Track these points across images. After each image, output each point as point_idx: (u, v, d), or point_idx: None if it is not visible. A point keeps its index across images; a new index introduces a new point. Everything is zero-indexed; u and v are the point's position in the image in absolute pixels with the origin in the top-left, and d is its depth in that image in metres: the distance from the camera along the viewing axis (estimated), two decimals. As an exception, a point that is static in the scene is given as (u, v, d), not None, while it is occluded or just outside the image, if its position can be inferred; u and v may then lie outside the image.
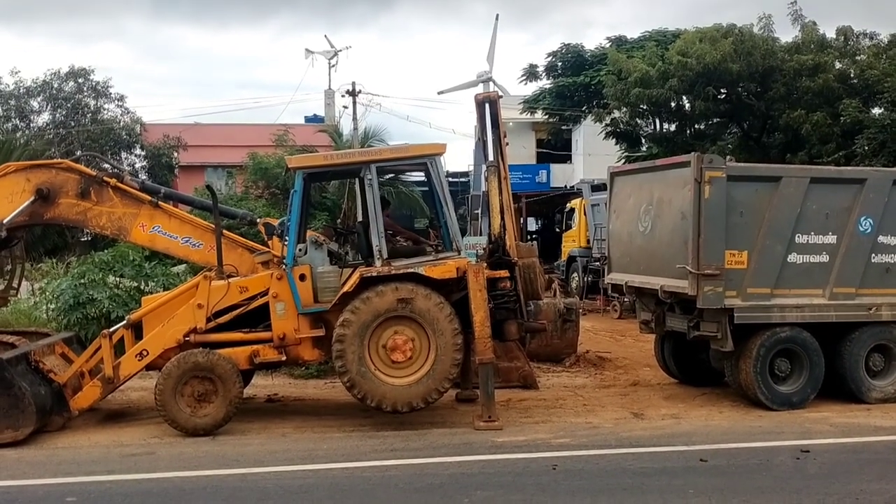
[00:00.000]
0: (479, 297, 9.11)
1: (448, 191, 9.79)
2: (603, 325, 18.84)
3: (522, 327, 9.81)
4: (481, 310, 9.12)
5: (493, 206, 9.58)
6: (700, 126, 24.68)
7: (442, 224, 9.99)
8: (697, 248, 9.86)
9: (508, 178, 9.98)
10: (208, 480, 7.46)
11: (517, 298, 9.56)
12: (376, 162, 9.62)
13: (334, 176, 13.92)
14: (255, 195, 27.22)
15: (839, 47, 21.79)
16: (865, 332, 10.55)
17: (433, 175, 9.64)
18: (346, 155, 10.61)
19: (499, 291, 9.41)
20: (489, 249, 9.72)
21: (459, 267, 9.26)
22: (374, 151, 10.60)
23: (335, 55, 40.17)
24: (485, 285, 9.16)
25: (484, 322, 9.12)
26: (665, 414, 10.23)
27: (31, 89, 36.55)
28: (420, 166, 10.09)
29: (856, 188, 10.48)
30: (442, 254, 9.69)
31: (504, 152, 9.85)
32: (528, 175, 36.32)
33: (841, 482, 7.24)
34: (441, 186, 9.62)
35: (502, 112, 10.23)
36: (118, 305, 12.18)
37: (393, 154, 10.18)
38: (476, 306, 9.10)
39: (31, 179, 9.77)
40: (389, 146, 12.67)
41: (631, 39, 31.06)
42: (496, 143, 9.83)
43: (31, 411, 8.77)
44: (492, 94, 9.81)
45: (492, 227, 9.64)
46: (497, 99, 9.79)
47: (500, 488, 7.08)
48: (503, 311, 9.43)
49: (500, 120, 9.76)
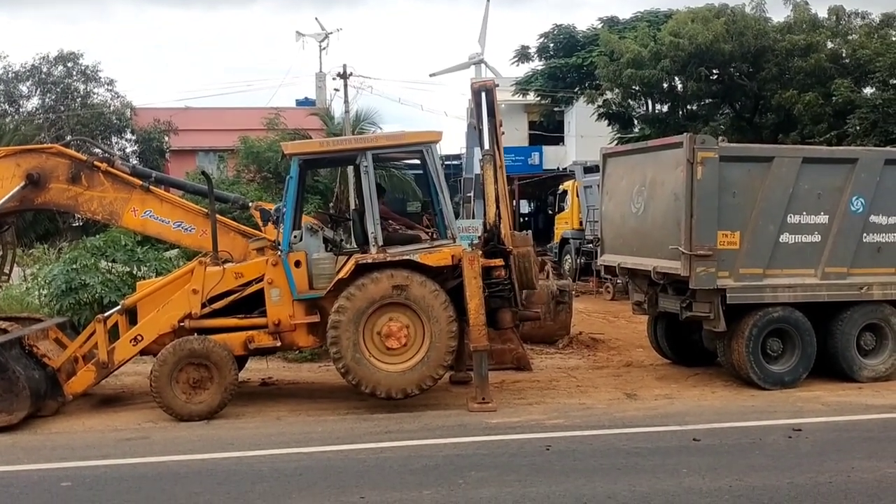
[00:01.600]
0: (474, 285, 9.12)
1: (444, 178, 9.80)
2: (596, 307, 18.89)
3: (517, 316, 9.82)
4: (476, 297, 9.12)
5: (488, 195, 9.58)
6: (692, 107, 24.66)
7: (437, 212, 10.00)
8: (690, 229, 9.88)
9: (504, 167, 9.98)
10: (203, 464, 7.47)
11: (512, 287, 9.57)
12: (372, 149, 9.61)
13: (330, 163, 13.93)
14: (246, 179, 27.16)
15: (831, 27, 21.77)
16: (857, 311, 10.61)
17: (429, 162, 9.63)
18: (343, 142, 10.59)
19: (493, 280, 9.42)
20: (484, 238, 9.72)
21: (455, 254, 9.29)
22: (370, 138, 10.63)
23: (326, 38, 40.02)
24: (480, 273, 9.16)
25: (479, 310, 9.13)
26: (658, 394, 10.28)
27: (19, 74, 36.31)
28: (416, 153, 10.07)
29: (847, 168, 10.50)
30: (437, 241, 9.71)
31: (500, 141, 9.84)
32: (520, 157, 36.23)
33: (832, 460, 7.29)
34: (437, 174, 9.63)
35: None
36: (110, 290, 12.14)
37: (389, 141, 10.15)
38: (471, 294, 9.11)
39: (21, 165, 9.73)
40: (385, 133, 12.63)
41: (623, 20, 30.94)
42: (492, 132, 9.82)
43: (25, 395, 8.76)
44: (488, 83, 9.76)
45: (487, 215, 9.64)
46: (493, 87, 9.75)
47: (495, 469, 7.11)
48: (497, 299, 9.44)
49: (496, 109, 9.75)
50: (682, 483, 6.66)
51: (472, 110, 31.96)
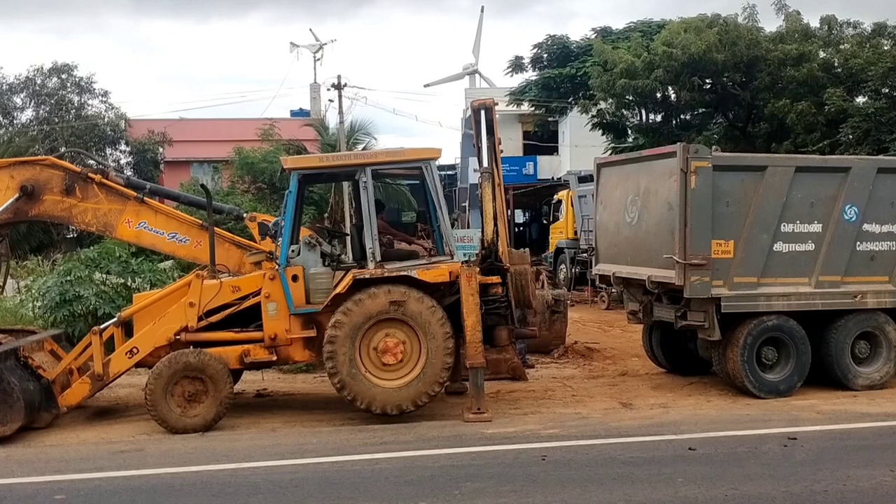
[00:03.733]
0: (472, 302, 9.12)
1: (442, 194, 9.83)
2: (591, 316, 18.90)
3: (513, 333, 9.82)
4: (473, 314, 9.12)
5: (486, 213, 9.60)
6: (686, 116, 24.77)
7: (435, 227, 10.02)
8: (684, 238, 9.90)
9: (502, 185, 10.01)
10: (198, 476, 7.44)
11: (508, 305, 9.59)
12: (371, 165, 9.65)
13: (329, 178, 13.98)
14: (241, 190, 27.13)
15: (823, 36, 21.89)
16: (851, 319, 10.63)
17: (428, 178, 9.67)
18: (342, 157, 10.69)
19: (490, 297, 9.43)
20: (482, 255, 9.74)
21: (452, 271, 9.31)
22: (369, 154, 10.67)
23: (320, 48, 40.07)
24: (477, 290, 9.17)
25: (475, 326, 9.13)
26: (653, 403, 10.28)
27: (13, 85, 36.32)
28: (415, 169, 10.10)
29: (840, 177, 10.54)
30: (435, 258, 9.73)
31: (498, 159, 9.88)
32: (515, 167, 36.29)
33: (828, 468, 7.29)
34: (436, 190, 9.66)
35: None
36: (105, 302, 12.14)
37: (388, 157, 10.15)
38: (468, 310, 9.11)
39: (15, 176, 9.72)
40: (385, 149, 12.63)
41: (616, 30, 31.10)
42: (491, 150, 9.86)
43: (19, 406, 8.74)
44: (488, 102, 9.80)
45: (485, 233, 9.66)
46: (493, 106, 9.79)
47: (491, 479, 7.10)
48: (494, 316, 9.45)
49: (495, 127, 9.80)
50: (678, 492, 6.65)
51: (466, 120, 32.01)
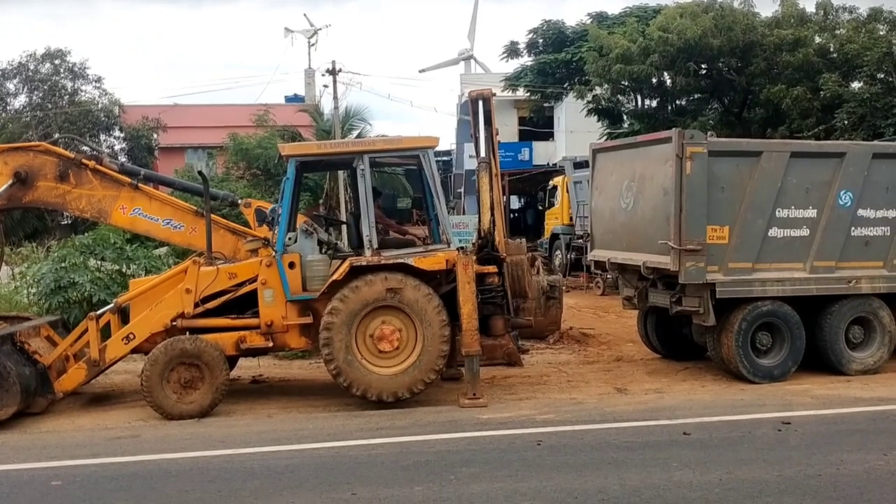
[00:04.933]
0: (468, 290, 9.13)
1: (439, 183, 9.83)
2: (586, 302, 18.93)
3: (509, 323, 9.83)
4: (469, 302, 9.13)
5: (483, 203, 9.61)
6: (681, 102, 24.73)
7: (432, 216, 10.02)
8: (679, 224, 9.91)
9: (499, 175, 10.01)
10: (194, 462, 7.46)
11: (504, 294, 9.60)
12: (370, 153, 9.64)
13: (327, 165, 13.97)
14: (236, 176, 27.10)
15: (819, 21, 21.84)
16: (845, 304, 10.66)
17: (425, 167, 9.68)
18: (340, 145, 10.68)
19: (486, 287, 9.45)
20: (478, 245, 9.75)
21: (449, 259, 9.32)
22: (367, 142, 10.66)
23: (315, 34, 39.92)
24: (473, 278, 9.18)
25: (471, 314, 9.14)
26: (648, 389, 10.31)
27: (6, 71, 36.01)
28: (412, 158, 10.10)
29: (836, 162, 10.55)
30: (432, 246, 9.74)
31: (496, 149, 9.87)
32: (510, 153, 36.16)
33: (822, 453, 7.32)
34: (433, 178, 9.66)
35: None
36: (100, 289, 12.12)
37: (386, 145, 10.14)
38: (464, 298, 9.12)
39: (9, 163, 9.69)
40: (383, 138, 12.64)
41: (612, 15, 30.98)
42: (488, 140, 9.86)
43: (15, 391, 8.76)
44: (485, 92, 9.81)
45: (482, 222, 9.67)
46: (490, 97, 9.80)
47: (486, 465, 7.12)
48: (490, 306, 9.48)
49: (492, 117, 9.79)
50: (672, 477, 6.68)
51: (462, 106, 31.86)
